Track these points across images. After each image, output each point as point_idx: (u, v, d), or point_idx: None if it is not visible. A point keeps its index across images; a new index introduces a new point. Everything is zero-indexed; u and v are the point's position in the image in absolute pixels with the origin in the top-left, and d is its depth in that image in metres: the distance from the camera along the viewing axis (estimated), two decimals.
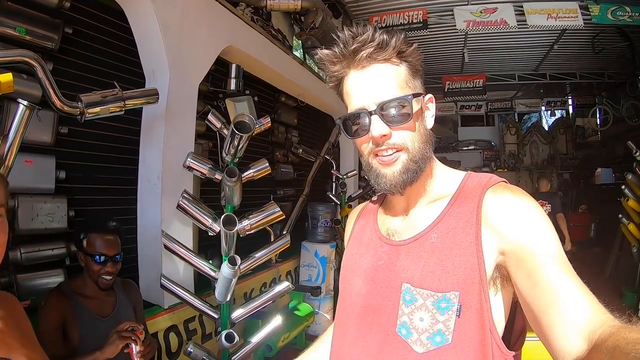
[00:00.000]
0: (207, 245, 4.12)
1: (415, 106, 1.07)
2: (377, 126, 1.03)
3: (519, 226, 0.96)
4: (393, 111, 1.04)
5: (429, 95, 1.16)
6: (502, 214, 0.99)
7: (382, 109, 1.03)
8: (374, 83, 1.05)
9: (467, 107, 15.06)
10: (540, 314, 0.88)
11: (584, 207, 10.48)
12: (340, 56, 1.07)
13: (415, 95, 1.06)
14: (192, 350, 2.88)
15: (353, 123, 1.10)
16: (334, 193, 6.61)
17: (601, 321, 0.78)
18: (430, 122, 1.15)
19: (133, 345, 2.03)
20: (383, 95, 1.04)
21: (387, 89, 1.05)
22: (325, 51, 1.11)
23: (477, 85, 11.93)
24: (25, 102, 1.97)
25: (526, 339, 1.07)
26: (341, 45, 1.06)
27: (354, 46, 1.04)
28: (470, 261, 0.97)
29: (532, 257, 0.92)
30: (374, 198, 1.39)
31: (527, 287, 0.92)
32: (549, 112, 16.62)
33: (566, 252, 0.92)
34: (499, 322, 1.00)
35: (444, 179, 1.16)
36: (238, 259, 2.84)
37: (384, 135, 1.04)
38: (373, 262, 1.15)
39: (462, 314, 0.96)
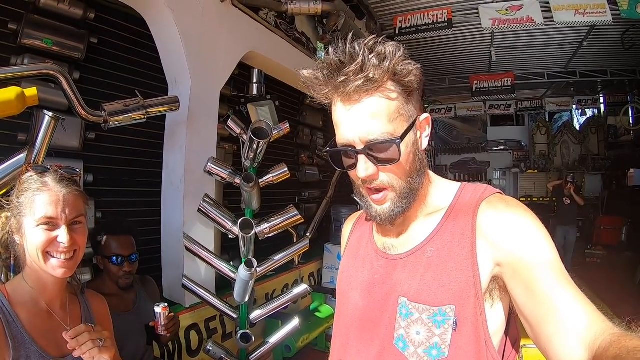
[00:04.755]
0: (230, 247, 4.20)
1: (404, 148, 1.01)
2: (363, 167, 1.00)
3: (514, 237, 0.96)
4: (380, 151, 1.00)
5: (425, 116, 1.09)
6: (497, 226, 0.99)
7: (369, 148, 0.99)
8: (362, 119, 0.98)
9: (496, 106, 14.77)
10: (539, 325, 0.89)
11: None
12: (328, 83, 0.99)
13: (407, 131, 1.01)
14: (211, 349, 2.97)
15: (340, 158, 1.07)
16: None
17: (601, 330, 0.78)
18: (424, 142, 1.10)
19: (159, 318, 2.14)
20: (371, 133, 0.98)
21: (376, 126, 0.98)
22: (310, 75, 1.02)
23: (506, 85, 11.72)
24: (51, 114, 2.08)
25: (530, 346, 1.07)
26: (327, 73, 0.98)
27: (341, 78, 0.96)
28: (466, 275, 0.98)
29: (528, 267, 0.92)
30: None
31: (524, 298, 0.93)
32: (580, 111, 16.19)
33: (597, 255, 0.90)
34: (495, 334, 1.00)
35: (440, 192, 1.15)
36: (255, 262, 2.91)
37: (370, 175, 1.01)
38: (369, 276, 1.15)
39: (458, 327, 0.96)
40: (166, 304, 2.17)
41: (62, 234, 1.35)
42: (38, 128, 2.16)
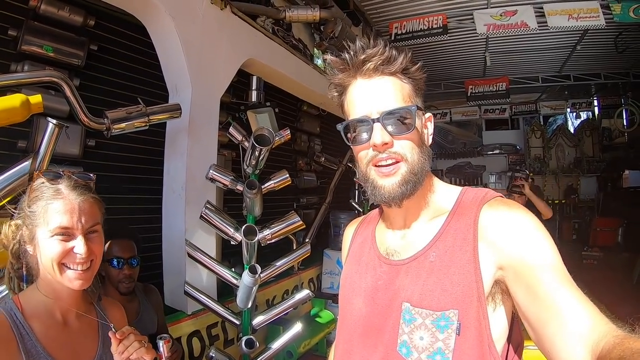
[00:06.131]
0: (230, 253, 4.20)
1: (417, 120, 1.08)
2: (379, 134, 1.04)
3: (515, 240, 0.96)
4: (395, 121, 1.05)
5: (428, 114, 1.17)
6: (499, 229, 0.99)
7: (385, 118, 1.04)
8: (379, 93, 1.07)
9: (491, 110, 14.85)
10: (541, 327, 0.88)
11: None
12: (349, 64, 1.09)
13: (418, 109, 1.08)
14: (213, 355, 2.95)
15: (354, 130, 1.11)
16: (356, 200, 6.60)
17: (604, 332, 0.78)
18: (429, 140, 1.16)
19: (162, 351, 2.12)
20: (387, 105, 1.05)
21: (391, 100, 1.06)
22: (335, 58, 1.12)
23: (500, 89, 11.78)
24: (55, 121, 2.07)
25: (530, 347, 1.06)
26: (351, 54, 1.08)
27: (363, 56, 1.06)
28: (468, 279, 0.98)
29: (531, 270, 0.92)
30: (371, 212, 1.39)
31: (526, 301, 0.92)
32: (574, 114, 16.30)
33: (594, 257, 0.89)
34: (499, 339, 1.00)
35: (441, 197, 1.16)
36: (258, 268, 2.90)
37: (386, 144, 1.04)
38: (373, 282, 1.15)
39: (462, 332, 0.96)
40: (168, 337, 2.17)
41: (79, 245, 1.30)
42: (41, 135, 2.15)
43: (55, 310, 1.34)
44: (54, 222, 1.28)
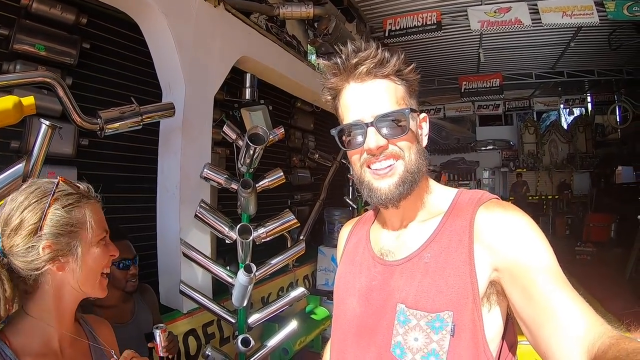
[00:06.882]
0: (225, 250, 4.19)
1: (412, 122, 1.08)
2: (373, 138, 1.03)
3: (511, 242, 0.96)
4: (390, 124, 1.05)
5: (423, 115, 1.16)
6: (495, 231, 0.99)
7: (378, 121, 1.03)
8: (372, 97, 1.06)
9: (485, 106, 14.92)
10: (537, 329, 0.88)
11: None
12: (341, 68, 1.08)
13: (412, 111, 1.08)
14: (210, 354, 2.94)
15: (348, 134, 1.10)
16: (350, 197, 6.61)
17: (599, 333, 0.78)
18: (424, 141, 1.15)
19: (158, 341, 2.12)
20: (380, 109, 1.04)
21: (384, 103, 1.05)
22: (327, 62, 1.12)
23: (494, 85, 11.85)
24: (48, 122, 2.05)
25: (523, 343, 1.07)
26: (343, 58, 1.07)
27: (355, 60, 1.05)
28: (463, 280, 0.97)
29: (526, 272, 0.91)
30: (367, 213, 1.39)
31: (522, 303, 0.92)
32: (568, 110, 16.39)
33: (587, 252, 0.88)
34: (493, 339, 0.99)
35: (437, 198, 1.16)
36: (254, 267, 2.90)
37: (380, 146, 1.04)
38: (367, 282, 1.15)
39: (456, 333, 0.95)
40: (164, 326, 2.16)
41: (113, 247, 1.26)
42: (34, 136, 2.13)
43: (52, 338, 1.16)
44: (99, 227, 1.22)
